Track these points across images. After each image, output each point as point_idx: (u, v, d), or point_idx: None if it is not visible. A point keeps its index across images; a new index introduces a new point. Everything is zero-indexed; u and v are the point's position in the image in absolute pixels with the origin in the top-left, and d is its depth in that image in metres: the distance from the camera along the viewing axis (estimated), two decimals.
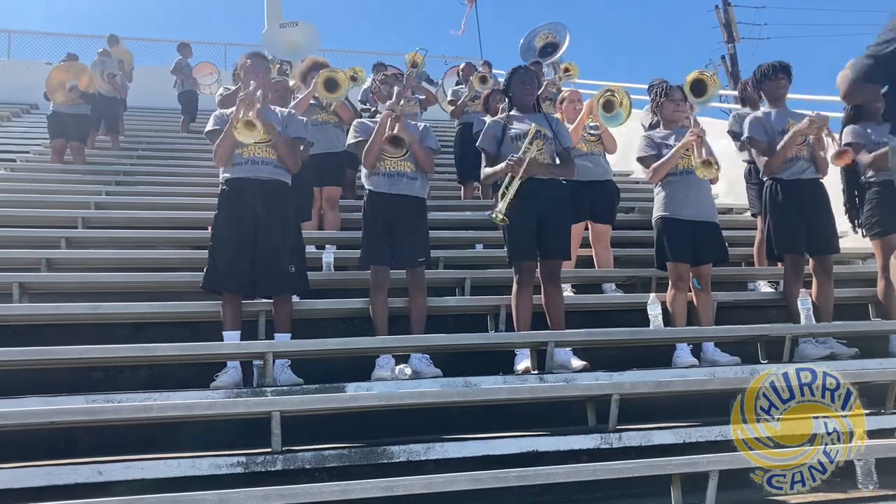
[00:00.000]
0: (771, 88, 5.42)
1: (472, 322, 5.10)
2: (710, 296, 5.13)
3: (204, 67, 13.61)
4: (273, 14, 13.47)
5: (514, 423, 3.90)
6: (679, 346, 4.85)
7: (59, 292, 5.04)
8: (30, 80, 10.38)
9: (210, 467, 3.18)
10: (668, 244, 5.09)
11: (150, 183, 8.67)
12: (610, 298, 5.72)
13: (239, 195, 4.35)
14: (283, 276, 4.35)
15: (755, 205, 6.32)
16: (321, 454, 3.33)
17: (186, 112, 12.90)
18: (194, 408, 3.53)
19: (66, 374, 4.16)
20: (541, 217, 4.66)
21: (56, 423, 3.32)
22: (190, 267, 5.16)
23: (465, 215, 7.46)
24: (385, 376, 4.29)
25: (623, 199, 8.06)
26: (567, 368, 4.53)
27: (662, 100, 5.32)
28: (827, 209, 5.28)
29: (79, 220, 6.61)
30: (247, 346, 4.27)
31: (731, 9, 22.78)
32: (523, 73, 4.99)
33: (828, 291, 5.20)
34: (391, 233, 4.68)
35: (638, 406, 4.04)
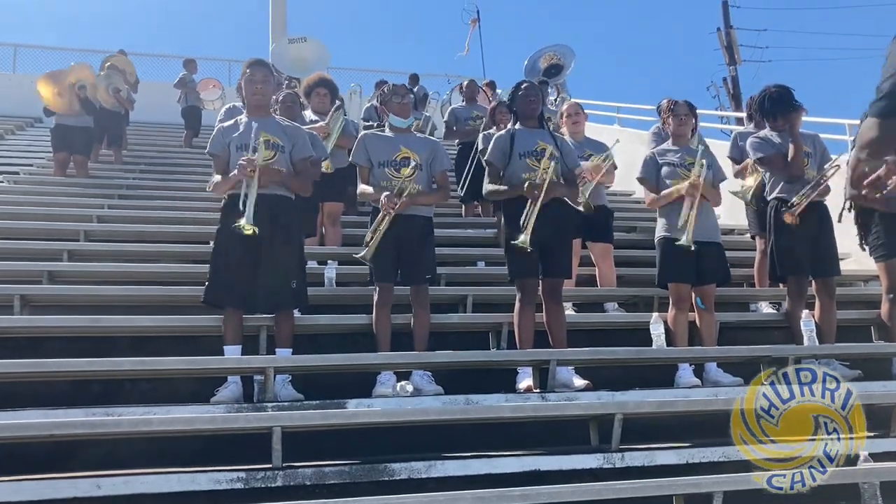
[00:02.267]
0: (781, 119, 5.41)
1: (474, 339, 5.08)
2: (713, 316, 5.12)
3: (208, 83, 13.70)
4: (278, 31, 13.62)
5: (516, 441, 3.88)
6: (681, 367, 4.83)
7: (60, 305, 5.02)
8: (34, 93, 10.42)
9: (210, 482, 3.16)
10: (670, 265, 5.09)
11: (152, 197, 8.67)
12: (612, 317, 5.71)
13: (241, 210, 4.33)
14: (286, 291, 4.34)
15: (754, 226, 6.32)
16: (322, 470, 3.31)
17: (190, 127, 12.95)
18: (195, 422, 3.52)
19: (67, 387, 4.14)
20: (543, 236, 4.65)
21: (56, 436, 3.30)
22: (191, 281, 5.15)
23: (467, 233, 7.47)
24: (386, 393, 4.27)
25: (625, 219, 8.10)
26: (569, 387, 4.51)
27: (667, 115, 5.35)
28: (830, 232, 5.29)
29: (81, 233, 6.62)
30: (248, 361, 4.25)
31: (732, 31, 22.95)
32: (528, 86, 4.99)
33: (831, 313, 5.19)
34: (398, 250, 4.63)
35: (640, 426, 4.02)
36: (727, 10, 23.21)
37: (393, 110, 4.87)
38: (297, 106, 6.08)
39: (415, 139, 4.90)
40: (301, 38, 10.20)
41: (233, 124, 4.54)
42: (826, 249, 5.25)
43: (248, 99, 4.53)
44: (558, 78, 10.93)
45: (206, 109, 13.18)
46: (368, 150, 4.76)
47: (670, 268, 5.08)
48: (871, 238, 5.22)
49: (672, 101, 5.47)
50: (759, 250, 6.24)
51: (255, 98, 4.49)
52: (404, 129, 4.88)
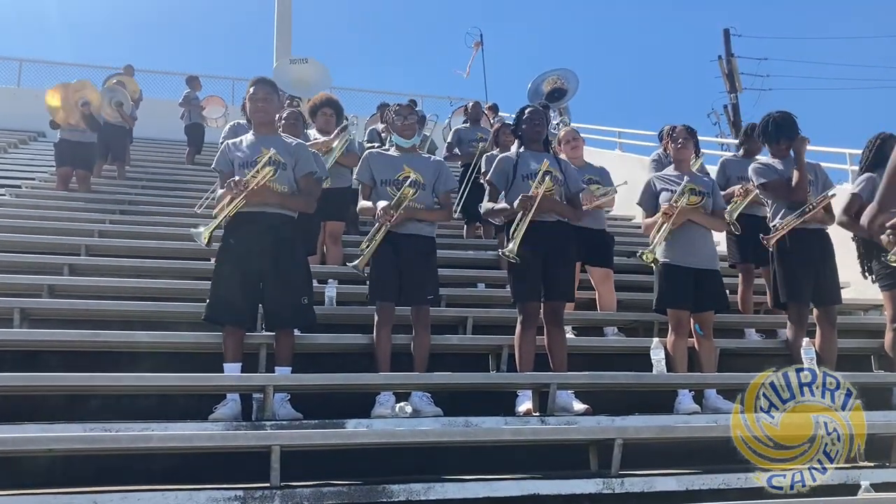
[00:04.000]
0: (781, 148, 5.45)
1: (474, 361, 5.07)
2: (712, 342, 5.12)
3: (212, 101, 13.76)
4: (282, 51, 13.69)
5: (514, 465, 3.85)
6: (681, 393, 4.81)
7: (60, 319, 5.01)
8: (38, 108, 10.45)
9: (207, 500, 3.13)
10: (668, 291, 5.10)
11: (154, 213, 8.70)
12: (611, 342, 5.70)
13: (243, 227, 4.34)
14: (291, 308, 4.34)
15: (734, 254, 6.30)
16: (320, 490, 3.29)
17: (192, 144, 13.02)
18: (193, 439, 3.49)
19: (65, 401, 4.13)
20: (546, 258, 4.66)
21: (54, 451, 3.28)
22: (192, 298, 5.15)
23: (468, 254, 7.47)
24: (385, 414, 4.25)
25: (626, 244, 8.09)
26: (569, 411, 4.50)
27: (667, 141, 5.39)
28: (832, 260, 5.30)
29: (82, 247, 6.62)
30: (247, 379, 4.24)
31: (733, 59, 23.17)
32: (533, 110, 5.04)
33: (831, 341, 5.19)
34: (400, 270, 4.63)
35: (639, 452, 3.98)
36: (728, 39, 23.46)
37: (397, 130, 4.90)
38: (299, 124, 6.10)
39: (419, 160, 4.93)
40: (303, 60, 10.25)
41: (238, 142, 4.56)
42: (828, 277, 5.26)
43: (251, 116, 4.60)
44: (561, 102, 10.96)
45: (210, 127, 13.24)
46: (372, 168, 4.80)
47: (669, 294, 5.09)
48: (877, 266, 5.22)
49: (672, 126, 5.52)
50: (741, 279, 6.24)
51: (258, 115, 4.53)
52: (409, 149, 4.90)
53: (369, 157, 4.90)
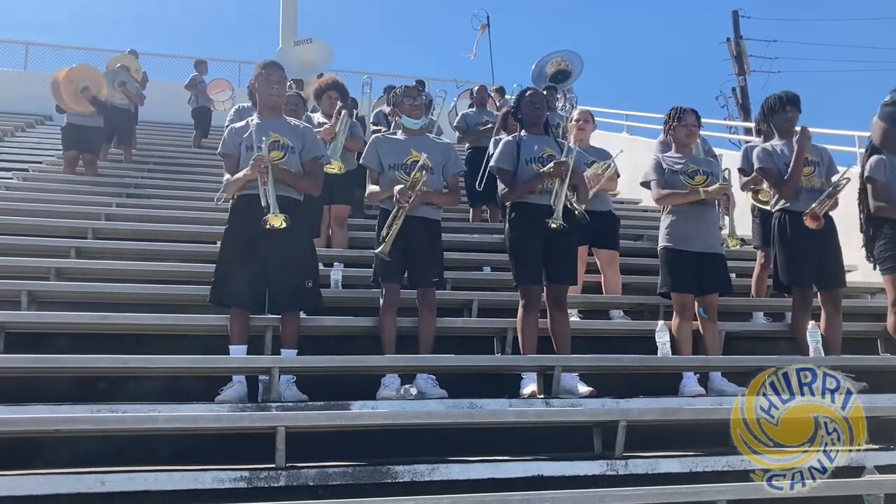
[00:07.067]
0: (779, 121, 5.43)
1: (479, 344, 5.08)
2: (716, 325, 5.11)
3: (218, 84, 13.72)
4: (288, 33, 13.62)
5: (518, 446, 3.87)
6: (686, 375, 4.82)
7: (67, 301, 5.04)
8: (45, 91, 10.46)
9: (213, 481, 3.16)
10: (672, 275, 5.09)
11: (160, 196, 8.72)
12: (617, 325, 5.70)
13: (250, 210, 4.33)
14: (297, 291, 4.35)
15: (757, 237, 6.29)
16: (325, 471, 3.31)
17: (199, 127, 12.99)
18: (199, 420, 3.52)
19: (72, 383, 4.15)
20: (547, 242, 4.65)
21: (62, 432, 3.31)
22: (198, 280, 5.16)
23: (474, 237, 7.46)
24: (390, 396, 4.27)
25: (632, 227, 8.08)
26: (573, 394, 4.51)
27: (675, 124, 5.33)
28: (835, 243, 5.27)
29: (89, 230, 6.64)
30: (253, 361, 4.26)
31: (742, 42, 22.95)
32: (533, 93, 5.02)
33: (836, 324, 5.17)
34: (405, 252, 4.61)
35: (643, 434, 4.00)
36: (737, 21, 23.23)
37: (405, 112, 4.87)
38: (300, 108, 6.07)
39: (428, 142, 4.87)
40: (307, 40, 10.20)
41: (244, 125, 4.54)
42: (831, 261, 5.23)
43: (265, 99, 4.51)
44: (565, 84, 10.91)
45: (216, 110, 13.21)
46: (379, 153, 4.77)
47: (672, 278, 5.08)
48: (878, 250, 5.20)
49: (679, 109, 5.43)
50: (759, 262, 6.22)
51: (272, 99, 4.50)
52: (417, 132, 4.88)
53: (376, 142, 4.87)
